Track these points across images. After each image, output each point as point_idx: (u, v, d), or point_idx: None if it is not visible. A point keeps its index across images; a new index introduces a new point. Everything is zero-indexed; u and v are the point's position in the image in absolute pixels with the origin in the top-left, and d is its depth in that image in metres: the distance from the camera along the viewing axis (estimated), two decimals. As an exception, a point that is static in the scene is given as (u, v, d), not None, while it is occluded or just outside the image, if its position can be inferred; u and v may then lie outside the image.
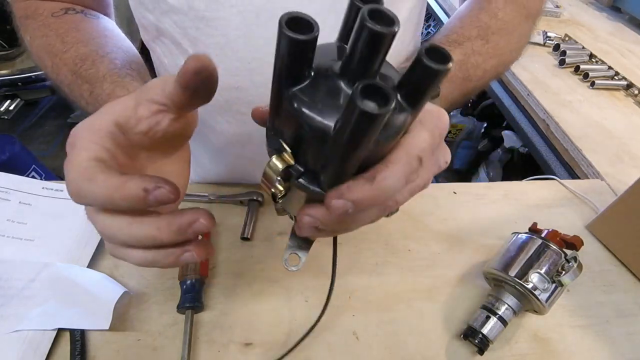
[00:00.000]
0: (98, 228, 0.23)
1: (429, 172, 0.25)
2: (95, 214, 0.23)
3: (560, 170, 0.74)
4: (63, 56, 0.39)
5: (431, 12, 1.55)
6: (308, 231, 0.24)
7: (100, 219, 0.23)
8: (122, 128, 0.24)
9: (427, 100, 0.21)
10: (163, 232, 0.22)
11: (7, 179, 0.46)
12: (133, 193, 0.21)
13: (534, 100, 0.82)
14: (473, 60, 0.42)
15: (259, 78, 0.42)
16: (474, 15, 0.45)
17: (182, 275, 0.40)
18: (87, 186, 0.21)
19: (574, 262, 0.37)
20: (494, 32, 0.44)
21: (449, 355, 0.38)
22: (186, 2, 0.38)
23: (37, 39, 0.41)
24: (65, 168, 0.22)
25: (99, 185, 0.21)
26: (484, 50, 0.43)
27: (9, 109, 1.81)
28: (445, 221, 0.50)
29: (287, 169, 0.22)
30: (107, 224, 0.23)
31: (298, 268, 0.29)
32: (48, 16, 0.41)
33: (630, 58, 0.97)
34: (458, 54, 0.41)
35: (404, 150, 0.22)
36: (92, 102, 0.36)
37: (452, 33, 0.44)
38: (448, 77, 0.38)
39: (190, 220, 0.22)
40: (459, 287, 0.43)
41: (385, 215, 0.26)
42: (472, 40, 0.42)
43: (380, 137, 0.20)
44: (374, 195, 0.21)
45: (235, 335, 0.38)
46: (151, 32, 0.45)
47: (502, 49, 0.45)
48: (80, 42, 0.39)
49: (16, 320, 0.36)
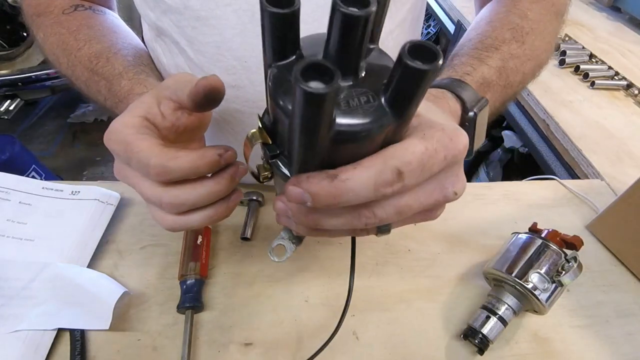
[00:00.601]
0: (167, 201, 0.26)
1: (426, 194, 0.22)
2: (164, 190, 0.26)
3: (560, 170, 0.74)
4: (77, 54, 0.40)
5: (431, 12, 1.55)
6: (282, 218, 0.26)
7: (170, 193, 0.26)
8: (151, 123, 0.28)
9: (414, 107, 0.19)
10: (221, 183, 0.27)
11: (7, 179, 0.46)
12: (212, 158, 0.26)
13: (534, 100, 0.82)
14: (512, 64, 0.39)
15: (256, 76, 0.42)
16: (504, 18, 0.43)
17: (182, 275, 0.40)
18: (173, 163, 0.25)
19: (574, 262, 0.37)
20: (527, 32, 0.42)
21: (449, 355, 0.38)
22: (182, 2, 0.39)
23: (51, 37, 0.43)
24: (132, 156, 0.25)
25: (185, 160, 0.25)
26: (521, 53, 0.40)
27: (9, 109, 1.81)
28: (445, 221, 0.50)
29: (265, 147, 0.24)
30: (177, 194, 0.26)
31: (282, 260, 0.29)
32: (59, 14, 0.43)
33: (630, 58, 0.97)
34: (496, 59, 0.39)
35: (380, 158, 0.20)
36: (111, 97, 0.38)
37: (486, 38, 0.41)
38: (490, 86, 0.37)
39: (235, 169, 0.28)
40: (459, 287, 0.43)
41: (375, 232, 0.25)
42: (507, 44, 0.40)
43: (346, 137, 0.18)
44: (332, 192, 0.20)
45: (235, 335, 0.38)
46: (153, 31, 0.45)
47: (537, 49, 0.43)
48: (92, 39, 0.41)
49: (16, 321, 0.36)
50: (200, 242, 0.42)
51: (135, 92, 0.37)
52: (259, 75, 0.42)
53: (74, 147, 2.04)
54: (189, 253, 0.41)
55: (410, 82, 0.17)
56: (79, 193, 0.46)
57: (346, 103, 0.18)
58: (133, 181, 0.28)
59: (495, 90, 0.38)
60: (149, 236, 0.45)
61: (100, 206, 0.45)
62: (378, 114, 0.18)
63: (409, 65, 0.16)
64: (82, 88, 0.42)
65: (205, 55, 0.42)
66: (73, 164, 1.94)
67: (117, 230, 0.45)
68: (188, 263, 0.40)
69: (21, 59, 1.70)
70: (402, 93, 0.18)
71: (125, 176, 0.28)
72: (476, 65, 0.38)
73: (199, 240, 0.42)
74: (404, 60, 0.16)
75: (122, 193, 0.47)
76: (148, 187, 0.27)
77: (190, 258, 0.41)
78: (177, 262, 0.41)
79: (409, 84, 0.17)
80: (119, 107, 0.37)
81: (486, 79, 0.37)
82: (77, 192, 0.46)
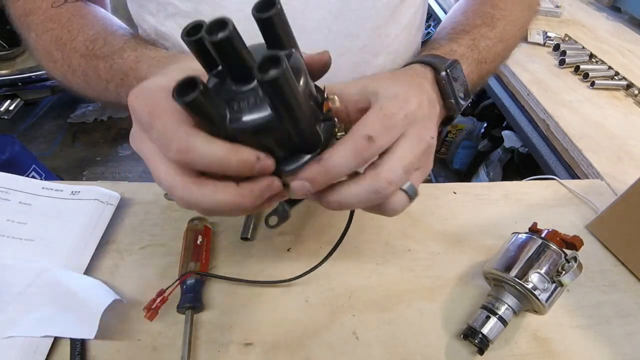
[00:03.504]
0: (179, 194, 0.24)
1: (410, 146, 0.27)
2: (181, 179, 0.24)
3: (560, 170, 0.74)
4: (72, 44, 0.39)
5: (431, 12, 1.55)
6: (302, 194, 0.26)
7: (186, 186, 0.24)
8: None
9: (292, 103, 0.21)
10: (246, 198, 0.24)
11: (7, 179, 0.46)
12: (247, 158, 0.23)
13: (534, 100, 0.82)
14: (483, 44, 0.43)
15: None
16: (476, 8, 0.47)
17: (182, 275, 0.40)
18: (201, 145, 0.22)
19: (574, 262, 0.37)
20: (498, 19, 0.46)
21: (449, 355, 0.38)
22: (193, 7, 0.39)
23: (43, 35, 0.41)
24: (156, 123, 0.23)
25: (215, 147, 0.22)
26: (492, 35, 0.44)
27: (9, 109, 1.81)
28: (445, 221, 0.50)
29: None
30: (192, 190, 0.24)
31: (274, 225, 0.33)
32: (48, 8, 0.41)
33: (630, 58, 0.97)
34: (467, 39, 0.43)
35: (350, 133, 0.25)
36: (112, 77, 0.36)
37: (458, 25, 0.45)
38: (463, 58, 0.40)
39: (268, 183, 0.25)
40: (459, 287, 0.43)
41: (407, 199, 0.28)
42: (478, 28, 0.44)
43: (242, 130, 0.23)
44: (322, 171, 0.25)
45: (235, 335, 0.38)
46: (150, 35, 0.45)
47: (507, 34, 0.46)
48: (85, 26, 0.40)
49: (9, 326, 0.35)
50: (200, 242, 0.42)
51: (147, 55, 0.34)
52: None
53: (74, 147, 2.04)
54: (189, 253, 0.41)
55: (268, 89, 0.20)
56: (79, 193, 0.46)
57: (238, 105, 0.23)
58: (148, 155, 0.25)
59: (470, 62, 0.41)
60: (149, 236, 0.45)
61: (100, 206, 0.45)
62: (258, 112, 0.22)
63: (260, 82, 0.20)
64: (79, 82, 0.40)
65: None
66: (73, 164, 1.94)
67: (117, 230, 0.45)
68: (188, 263, 0.40)
69: (21, 59, 1.70)
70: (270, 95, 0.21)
71: (140, 148, 0.25)
72: (444, 43, 0.42)
73: (199, 240, 0.42)
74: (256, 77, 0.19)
75: (122, 193, 0.47)
76: (163, 169, 0.24)
77: (190, 258, 0.41)
78: (177, 262, 0.41)
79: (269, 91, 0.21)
80: (126, 82, 0.35)
81: (455, 50, 0.41)
82: (77, 192, 0.46)
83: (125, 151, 2.01)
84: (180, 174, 0.24)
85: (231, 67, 0.22)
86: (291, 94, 0.21)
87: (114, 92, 0.37)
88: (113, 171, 1.91)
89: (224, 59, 0.22)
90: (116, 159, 1.97)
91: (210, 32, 0.20)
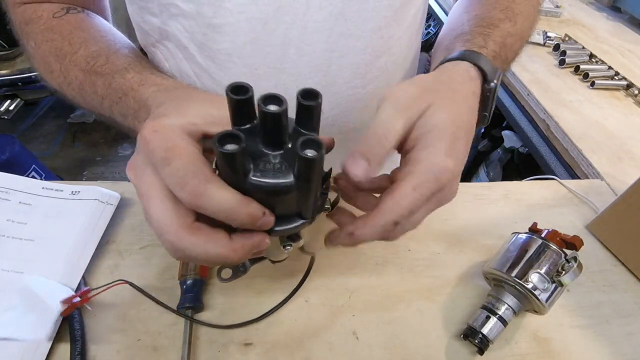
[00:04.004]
0: (170, 238, 0.24)
1: (428, 208, 0.29)
2: (177, 222, 0.23)
3: (560, 170, 0.74)
4: (72, 57, 0.38)
5: (431, 12, 1.55)
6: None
7: (179, 231, 0.23)
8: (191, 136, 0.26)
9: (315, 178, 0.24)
10: (237, 253, 0.24)
11: (7, 179, 0.46)
12: (255, 212, 0.24)
13: (534, 100, 0.82)
14: (508, 41, 0.41)
15: (266, 84, 0.42)
16: (494, 0, 0.45)
17: (182, 275, 0.40)
18: (221, 194, 0.22)
19: (574, 262, 0.37)
20: (517, 14, 0.43)
21: (449, 355, 0.38)
22: (195, 8, 0.38)
23: (42, 44, 0.40)
24: (175, 161, 0.22)
25: (233, 197, 0.23)
26: (514, 32, 0.42)
27: (9, 109, 1.81)
28: (445, 221, 0.50)
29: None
30: (183, 237, 0.23)
31: (226, 279, 0.36)
32: (49, 18, 0.41)
33: (630, 58, 0.97)
34: (497, 36, 0.40)
35: (380, 214, 0.27)
36: (108, 94, 0.36)
37: (483, 17, 0.42)
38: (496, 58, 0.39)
39: (260, 240, 0.25)
40: (459, 287, 0.43)
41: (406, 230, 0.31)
42: (503, 22, 0.42)
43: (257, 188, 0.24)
44: (352, 243, 0.29)
45: (235, 335, 0.38)
46: (152, 36, 0.45)
47: (524, 31, 0.44)
48: (87, 41, 0.39)
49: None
50: (200, 242, 0.42)
51: (154, 81, 0.34)
52: (268, 82, 0.42)
53: (74, 147, 2.04)
54: (189, 253, 0.41)
55: (303, 164, 0.23)
56: (79, 193, 0.46)
57: (263, 165, 0.25)
58: (145, 188, 0.24)
59: (501, 62, 0.39)
60: (149, 236, 0.45)
61: (100, 206, 0.45)
62: (283, 177, 0.24)
63: (299, 156, 0.22)
64: (74, 95, 0.40)
65: (215, 62, 0.42)
66: (73, 164, 1.94)
67: (117, 230, 0.45)
68: (188, 263, 0.40)
69: (21, 59, 1.70)
70: (301, 169, 0.23)
71: (139, 178, 0.25)
72: (486, 39, 0.39)
73: (199, 240, 0.42)
74: (297, 152, 0.22)
75: (122, 193, 0.47)
76: (159, 207, 0.23)
77: (190, 258, 0.40)
78: (177, 262, 0.41)
79: (303, 165, 0.23)
80: (123, 101, 0.35)
81: (496, 52, 0.39)
82: (77, 192, 0.46)
83: (125, 151, 2.01)
84: (177, 216, 0.23)
85: (268, 133, 0.25)
86: (317, 173, 0.24)
87: (107, 109, 0.37)
88: (113, 171, 1.91)
89: (267, 127, 0.24)
90: (116, 159, 1.97)
91: (265, 102, 0.23)
